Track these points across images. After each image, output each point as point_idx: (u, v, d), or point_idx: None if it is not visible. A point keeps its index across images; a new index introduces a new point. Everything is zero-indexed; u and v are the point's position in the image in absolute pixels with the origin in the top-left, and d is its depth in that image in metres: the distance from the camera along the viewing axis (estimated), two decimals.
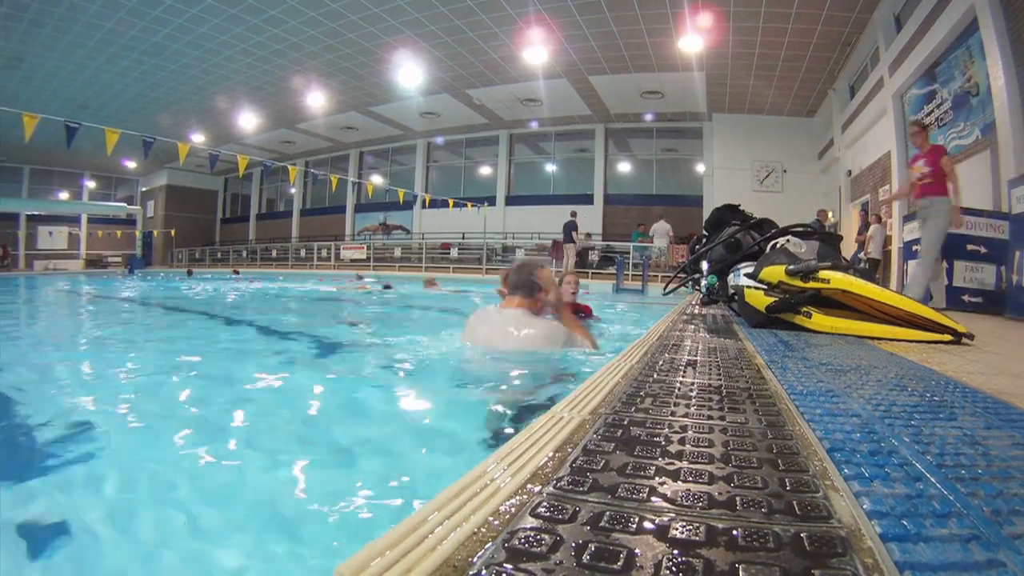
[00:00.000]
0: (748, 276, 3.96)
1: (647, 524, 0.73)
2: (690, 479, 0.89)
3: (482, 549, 0.66)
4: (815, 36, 13.59)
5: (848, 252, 13.46)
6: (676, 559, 0.64)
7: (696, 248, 5.91)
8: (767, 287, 3.73)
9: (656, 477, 0.90)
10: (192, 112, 21.76)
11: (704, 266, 5.51)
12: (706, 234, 5.74)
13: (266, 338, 5.24)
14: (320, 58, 16.74)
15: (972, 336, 3.14)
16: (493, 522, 0.73)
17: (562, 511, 0.76)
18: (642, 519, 0.74)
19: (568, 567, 0.62)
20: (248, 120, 22.49)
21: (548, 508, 0.77)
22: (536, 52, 15.56)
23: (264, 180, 33.12)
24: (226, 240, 34.44)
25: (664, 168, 22.82)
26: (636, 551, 0.65)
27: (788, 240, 3.94)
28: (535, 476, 0.90)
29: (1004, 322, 5.65)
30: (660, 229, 18.26)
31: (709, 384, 1.70)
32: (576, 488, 0.85)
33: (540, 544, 0.67)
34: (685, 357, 2.23)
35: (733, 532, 0.71)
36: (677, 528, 0.72)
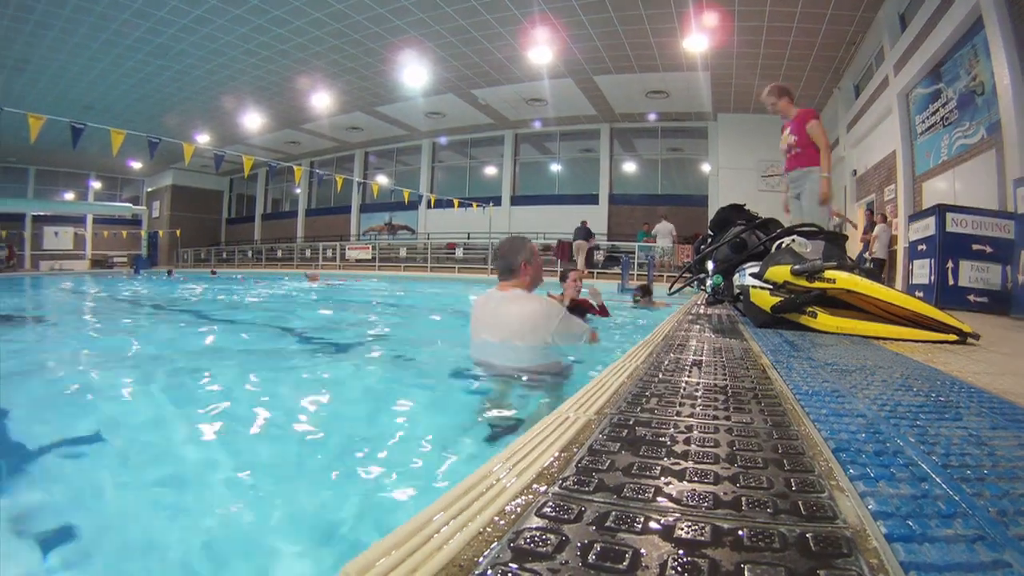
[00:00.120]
0: (753, 276, 3.94)
1: (653, 524, 0.73)
2: (695, 479, 0.89)
3: (488, 549, 0.67)
4: (820, 35, 13.56)
5: (853, 252, 13.43)
6: (682, 559, 0.64)
7: (701, 248, 5.89)
8: (772, 287, 3.72)
9: (662, 477, 0.90)
10: (197, 113, 21.84)
11: (710, 266, 5.50)
12: (711, 234, 5.72)
13: (268, 338, 5.25)
14: (325, 58, 16.78)
15: (978, 336, 3.12)
16: (499, 522, 0.74)
17: (568, 511, 0.76)
18: (648, 519, 0.74)
19: (574, 567, 0.62)
20: (253, 120, 22.56)
21: (554, 508, 0.77)
22: (541, 52, 15.56)
23: (269, 180, 33.24)
24: (231, 240, 34.52)
25: (669, 168, 22.80)
26: (642, 551, 0.66)
27: (793, 240, 3.93)
28: (541, 476, 0.90)
29: (1010, 322, 5.63)
30: (663, 229, 18.25)
31: (714, 384, 1.70)
32: (582, 488, 0.85)
33: (546, 544, 0.67)
34: (690, 357, 2.23)
35: (738, 532, 0.71)
36: (683, 528, 0.72)
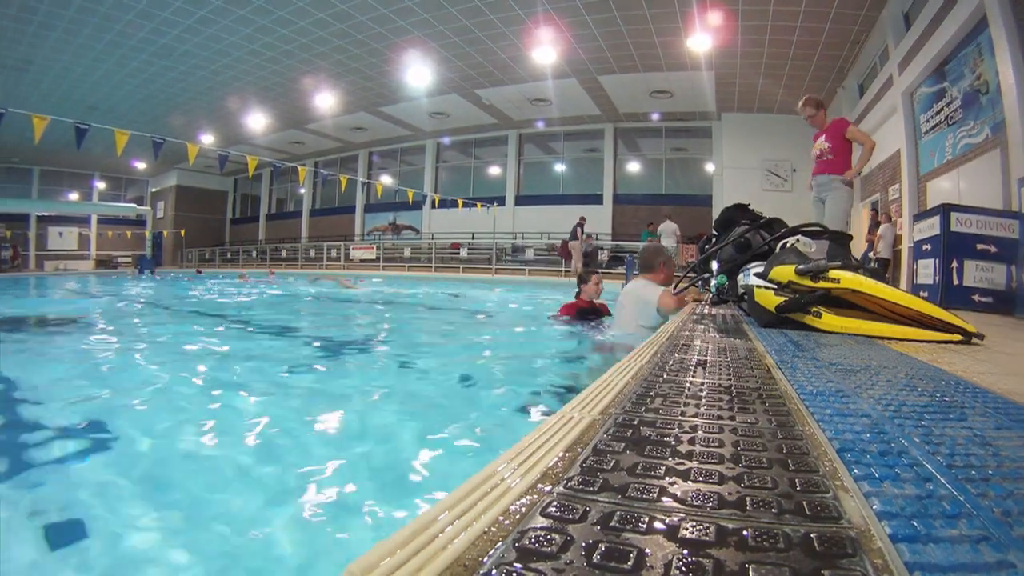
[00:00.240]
0: (758, 276, 3.93)
1: (657, 524, 0.73)
2: (700, 479, 0.89)
3: (493, 548, 0.67)
4: (824, 35, 13.53)
5: (858, 251, 13.41)
6: (686, 559, 0.64)
7: (706, 248, 5.88)
8: (777, 287, 3.71)
9: (666, 477, 0.90)
10: (202, 113, 21.89)
11: (714, 266, 5.48)
12: (716, 234, 5.71)
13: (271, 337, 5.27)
14: (329, 59, 16.80)
15: (982, 336, 3.11)
16: (503, 522, 0.74)
17: (572, 511, 0.76)
18: (652, 519, 0.74)
19: (578, 567, 0.62)
20: (257, 121, 22.61)
21: (558, 508, 0.77)
22: (545, 52, 15.55)
23: (274, 180, 33.29)
24: (236, 240, 34.61)
25: (673, 168, 22.76)
26: (646, 551, 0.66)
27: (798, 239, 3.91)
28: (545, 476, 0.90)
29: (1015, 322, 5.61)
30: (667, 229, 18.21)
31: (719, 384, 1.69)
32: (586, 488, 0.85)
33: (550, 544, 0.67)
34: (695, 357, 2.23)
35: (743, 532, 0.71)
36: (687, 528, 0.72)
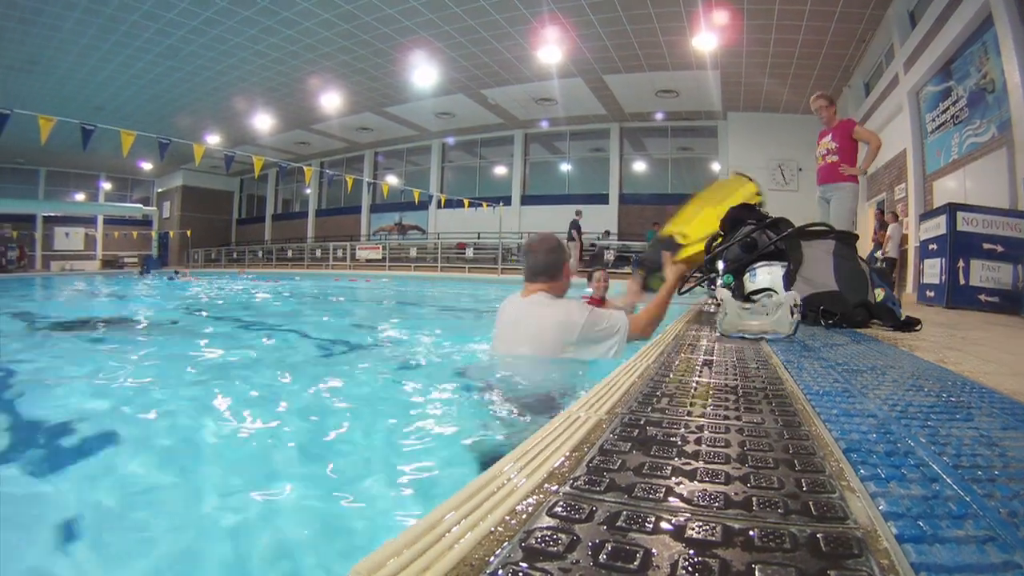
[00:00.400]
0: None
1: (664, 524, 0.73)
2: (706, 479, 0.89)
3: (499, 548, 0.67)
4: (829, 33, 13.48)
5: (864, 251, 13.35)
6: (692, 559, 0.64)
7: (712, 247, 5.86)
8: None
9: (672, 477, 0.90)
10: (207, 114, 21.95)
11: (720, 265, 5.47)
12: (722, 233, 5.70)
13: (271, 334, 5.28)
14: (334, 59, 16.82)
15: None
16: (510, 521, 0.74)
17: (579, 511, 0.77)
18: (659, 519, 0.74)
19: (585, 566, 0.62)
20: (263, 121, 22.65)
21: (565, 508, 0.78)
22: (550, 51, 15.53)
23: (280, 181, 33.36)
24: (242, 241, 34.68)
25: (679, 167, 22.72)
26: (652, 551, 0.66)
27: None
28: (552, 476, 0.90)
29: (1021, 321, 5.59)
30: None
31: (725, 384, 1.69)
32: (593, 488, 0.85)
33: (557, 543, 0.67)
34: (701, 357, 2.23)
35: (749, 532, 0.71)
36: (693, 528, 0.72)
